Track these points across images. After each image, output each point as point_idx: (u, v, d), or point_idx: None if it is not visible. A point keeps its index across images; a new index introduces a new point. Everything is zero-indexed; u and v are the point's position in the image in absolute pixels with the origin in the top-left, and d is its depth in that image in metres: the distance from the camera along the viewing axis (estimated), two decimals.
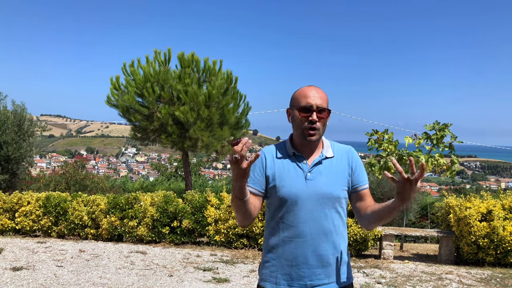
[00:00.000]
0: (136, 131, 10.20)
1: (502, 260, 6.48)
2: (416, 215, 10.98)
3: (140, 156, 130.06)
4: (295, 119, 1.91)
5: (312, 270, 1.87)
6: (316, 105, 1.86)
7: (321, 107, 1.87)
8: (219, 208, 7.46)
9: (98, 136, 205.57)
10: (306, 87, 1.92)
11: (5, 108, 12.59)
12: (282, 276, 1.89)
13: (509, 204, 6.71)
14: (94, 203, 7.92)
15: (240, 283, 5.29)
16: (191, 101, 9.02)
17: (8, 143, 11.75)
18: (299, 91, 1.93)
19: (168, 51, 9.89)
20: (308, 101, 1.86)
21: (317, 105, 1.86)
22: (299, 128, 1.90)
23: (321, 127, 1.88)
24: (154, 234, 7.58)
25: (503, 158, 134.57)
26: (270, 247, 1.95)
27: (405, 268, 6.28)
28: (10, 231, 8.41)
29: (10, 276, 5.33)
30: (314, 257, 1.86)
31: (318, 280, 1.87)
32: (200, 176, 19.15)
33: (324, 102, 1.88)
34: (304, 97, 1.87)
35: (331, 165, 1.93)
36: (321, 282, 1.87)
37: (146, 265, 6.08)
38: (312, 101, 1.86)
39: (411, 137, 7.95)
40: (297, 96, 1.91)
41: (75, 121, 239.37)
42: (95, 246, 7.31)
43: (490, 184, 73.58)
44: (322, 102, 1.87)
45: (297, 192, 1.87)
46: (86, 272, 5.63)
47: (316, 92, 1.89)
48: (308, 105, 1.86)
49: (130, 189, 14.55)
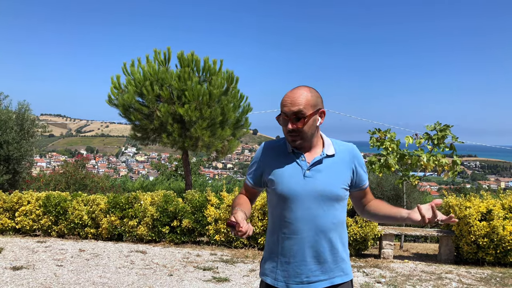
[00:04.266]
0: (136, 130, 10.20)
1: (502, 259, 6.48)
2: None
3: (140, 156, 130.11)
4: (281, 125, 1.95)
5: (309, 267, 1.88)
6: (292, 113, 1.83)
7: (298, 114, 1.83)
8: (219, 208, 7.47)
9: (98, 135, 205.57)
10: (289, 92, 1.90)
11: (7, 108, 12.61)
12: (281, 272, 1.91)
13: (509, 203, 6.71)
14: (94, 202, 7.93)
15: (240, 282, 5.29)
16: (194, 99, 9.02)
17: (9, 143, 11.76)
18: (284, 96, 1.91)
19: (168, 51, 9.89)
20: (284, 109, 1.86)
21: (293, 112, 1.83)
22: (285, 134, 1.93)
23: (303, 131, 1.86)
24: (154, 234, 7.58)
25: (503, 158, 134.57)
26: (271, 244, 1.98)
27: (405, 267, 6.29)
28: (10, 231, 8.41)
29: (10, 275, 5.33)
30: (312, 254, 1.88)
31: (315, 276, 1.88)
32: (200, 175, 19.15)
33: (303, 107, 1.83)
34: (283, 105, 1.88)
35: (332, 163, 1.93)
36: (317, 279, 1.89)
37: (146, 264, 6.09)
38: (287, 109, 1.85)
39: (411, 137, 7.96)
40: (281, 102, 1.90)
41: (75, 120, 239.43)
42: (95, 245, 7.32)
43: (490, 183, 73.60)
44: (301, 108, 1.83)
45: (295, 189, 1.88)
46: (86, 271, 5.64)
47: (294, 98, 1.85)
48: (284, 113, 1.86)
49: (130, 189, 14.55)
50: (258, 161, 2.03)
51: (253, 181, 2.05)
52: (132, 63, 9.84)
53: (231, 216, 1.76)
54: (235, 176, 58.95)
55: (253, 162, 2.07)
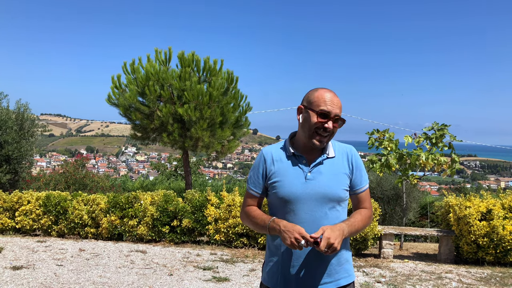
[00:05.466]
0: (136, 130, 10.19)
1: (502, 259, 6.48)
2: (416, 215, 10.98)
3: (140, 155, 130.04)
4: (308, 120, 1.88)
5: (314, 269, 1.87)
6: (335, 114, 1.86)
7: (338, 116, 1.87)
8: (219, 207, 7.47)
9: (98, 135, 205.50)
10: (325, 91, 1.89)
11: (6, 107, 12.60)
12: (283, 276, 1.89)
13: (508, 203, 6.71)
14: (94, 202, 7.93)
15: (240, 282, 5.29)
16: (194, 99, 9.01)
17: (9, 143, 11.76)
18: (319, 93, 1.89)
19: (169, 50, 9.89)
20: (329, 108, 1.84)
21: (336, 114, 1.86)
22: (310, 130, 1.88)
23: (333, 133, 1.90)
24: (154, 233, 7.59)
25: (503, 157, 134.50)
26: (273, 247, 1.96)
27: (404, 267, 6.29)
28: (10, 230, 8.41)
29: (10, 275, 5.34)
30: (316, 257, 1.86)
31: (319, 279, 1.87)
32: (200, 175, 19.14)
33: (340, 112, 1.89)
34: (324, 102, 1.85)
35: (332, 165, 1.93)
36: (322, 282, 1.87)
37: (146, 264, 6.09)
38: (332, 109, 1.85)
39: (410, 136, 7.98)
40: (316, 98, 1.87)
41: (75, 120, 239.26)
42: (95, 245, 7.32)
43: (490, 183, 73.58)
44: (339, 112, 1.88)
45: (297, 192, 1.87)
46: (86, 271, 5.64)
47: (336, 100, 1.88)
48: (327, 111, 1.84)
49: (130, 188, 14.54)
50: (259, 168, 1.98)
51: (260, 190, 2.00)
52: (133, 62, 9.83)
53: (297, 234, 1.72)
54: (235, 176, 58.97)
55: (254, 171, 2.01)
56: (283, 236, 1.75)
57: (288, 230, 1.74)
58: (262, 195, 2.01)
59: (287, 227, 1.76)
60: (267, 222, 1.86)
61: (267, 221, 1.86)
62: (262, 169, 1.97)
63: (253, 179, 2.01)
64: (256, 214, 1.96)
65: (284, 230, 1.76)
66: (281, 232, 1.77)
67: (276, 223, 1.81)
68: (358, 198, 1.99)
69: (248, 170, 2.29)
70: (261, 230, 1.91)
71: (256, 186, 2.00)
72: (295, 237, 1.72)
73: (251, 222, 1.97)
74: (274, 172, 1.93)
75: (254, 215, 1.96)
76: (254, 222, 1.94)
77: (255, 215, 1.96)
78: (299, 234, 1.72)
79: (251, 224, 1.98)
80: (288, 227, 1.76)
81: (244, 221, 2.04)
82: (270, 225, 1.84)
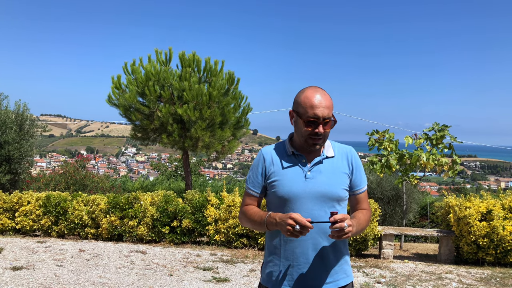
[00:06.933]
0: (136, 130, 10.19)
1: (502, 259, 6.48)
2: (416, 215, 10.99)
3: (140, 156, 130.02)
4: (299, 126, 1.87)
5: (313, 269, 1.86)
6: (323, 117, 1.81)
7: (328, 118, 1.83)
8: (219, 208, 7.47)
9: (98, 136, 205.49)
10: (312, 92, 1.84)
11: (6, 108, 12.61)
12: (283, 276, 1.89)
13: (508, 203, 6.71)
14: (94, 202, 7.93)
15: (240, 282, 5.29)
16: (193, 99, 9.01)
17: (9, 143, 11.76)
18: (305, 96, 1.84)
19: (169, 51, 9.88)
20: (315, 112, 1.80)
21: (324, 116, 1.81)
22: (302, 137, 1.87)
23: (326, 134, 1.88)
24: (154, 234, 7.58)
25: (503, 158, 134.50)
26: (272, 247, 1.95)
27: (405, 267, 6.29)
28: (10, 231, 8.41)
29: (10, 275, 5.34)
30: (315, 257, 1.86)
31: (319, 279, 1.87)
32: (200, 175, 19.14)
33: (330, 111, 1.83)
34: (310, 108, 1.81)
35: (332, 164, 1.93)
36: (322, 282, 1.87)
37: (146, 264, 6.09)
38: (319, 113, 1.80)
39: (411, 137, 7.98)
40: (303, 103, 1.83)
41: (75, 120, 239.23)
42: (95, 245, 7.32)
43: (490, 183, 73.61)
44: (329, 112, 1.83)
45: (297, 191, 1.87)
46: (86, 271, 5.64)
47: (323, 100, 1.82)
48: (315, 117, 1.80)
49: (130, 189, 14.55)
50: (258, 168, 1.98)
51: (259, 190, 1.99)
52: (133, 63, 9.83)
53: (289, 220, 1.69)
54: (235, 176, 58.97)
55: (253, 171, 2.00)
56: (281, 228, 1.74)
57: (283, 219, 1.72)
58: (261, 195, 2.00)
59: (282, 217, 1.74)
60: (264, 217, 1.85)
61: (264, 217, 1.85)
62: (261, 169, 1.97)
63: (252, 179, 2.00)
64: (253, 211, 1.96)
65: (279, 221, 1.75)
66: (278, 224, 1.76)
67: (272, 217, 1.79)
68: (357, 199, 1.99)
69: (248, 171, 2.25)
70: (260, 227, 1.89)
71: (255, 185, 1.99)
72: (288, 223, 1.69)
73: (249, 220, 1.95)
74: (273, 171, 1.93)
75: (251, 213, 1.95)
76: (252, 220, 1.93)
77: (253, 212, 1.95)
78: (291, 219, 1.69)
79: (249, 222, 1.96)
80: (283, 217, 1.73)
81: (242, 220, 2.03)
82: (267, 220, 1.82)
